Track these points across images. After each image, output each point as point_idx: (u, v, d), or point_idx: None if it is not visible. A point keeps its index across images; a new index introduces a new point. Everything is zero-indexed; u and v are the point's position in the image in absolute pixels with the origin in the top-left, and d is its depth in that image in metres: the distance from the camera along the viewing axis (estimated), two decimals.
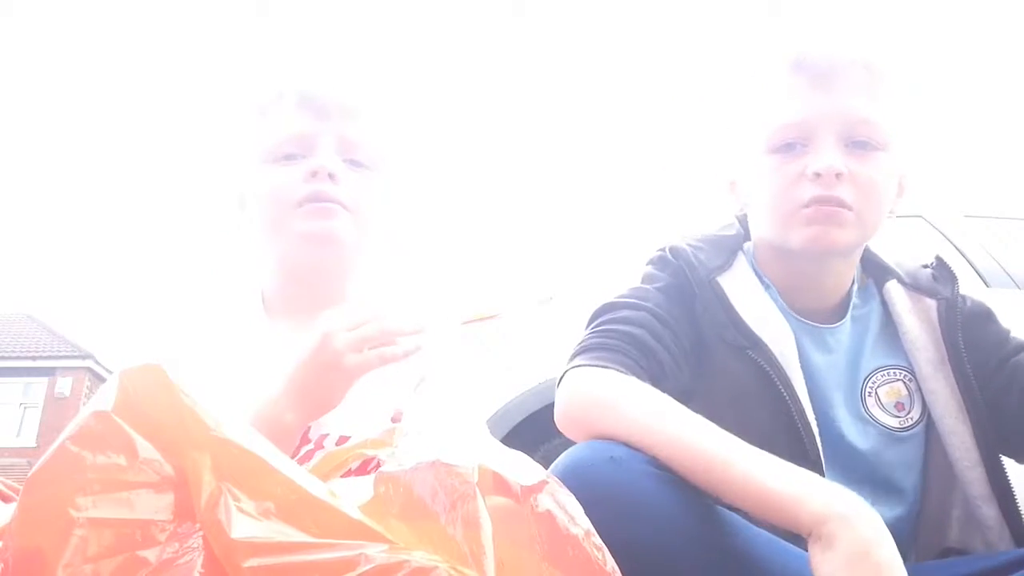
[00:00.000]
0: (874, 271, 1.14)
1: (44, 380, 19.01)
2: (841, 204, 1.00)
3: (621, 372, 0.91)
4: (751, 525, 0.82)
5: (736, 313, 1.03)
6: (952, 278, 1.10)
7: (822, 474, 0.95)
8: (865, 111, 1.00)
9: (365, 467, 0.94)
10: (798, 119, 1.01)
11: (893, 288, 1.11)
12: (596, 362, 0.92)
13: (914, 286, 1.11)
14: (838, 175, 0.99)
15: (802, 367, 1.03)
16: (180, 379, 0.60)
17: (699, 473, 0.80)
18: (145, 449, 0.57)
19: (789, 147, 1.02)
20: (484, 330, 2.76)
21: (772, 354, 1.01)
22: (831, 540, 0.71)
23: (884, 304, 1.11)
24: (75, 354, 19.18)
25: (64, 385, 18.76)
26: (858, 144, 1.00)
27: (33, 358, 19.16)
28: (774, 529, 0.80)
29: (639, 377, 0.91)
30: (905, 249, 1.17)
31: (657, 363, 0.96)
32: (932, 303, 1.09)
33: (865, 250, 1.13)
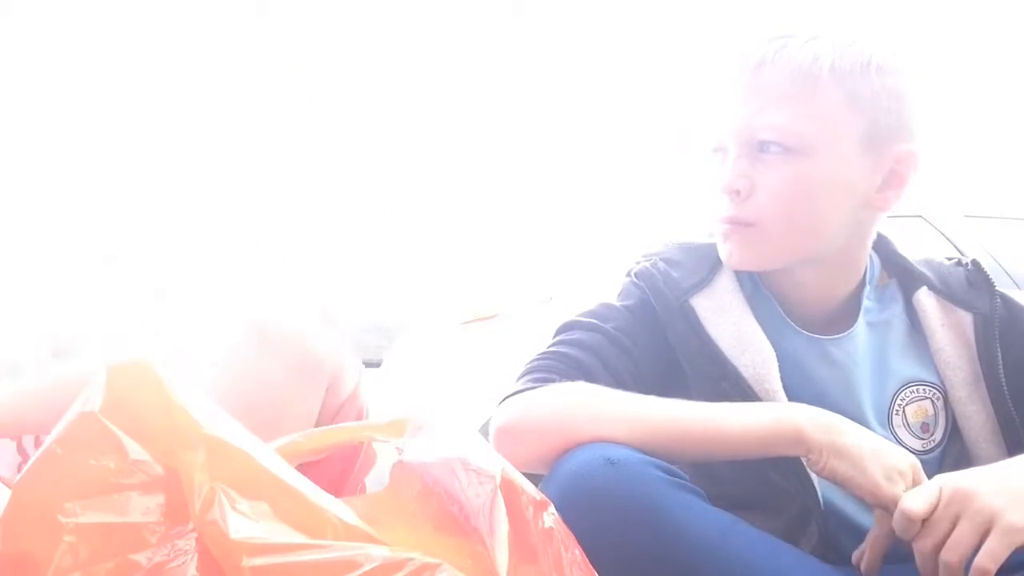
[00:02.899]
0: (899, 273, 1.06)
1: None
2: (738, 222, 0.96)
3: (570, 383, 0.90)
4: (752, 527, 0.82)
5: (709, 339, 0.97)
6: (989, 286, 1.03)
7: (817, 500, 0.92)
8: (769, 117, 0.93)
9: None
10: (716, 128, 0.98)
11: (924, 298, 1.03)
12: (539, 385, 0.91)
13: (947, 295, 1.02)
14: (736, 192, 0.95)
15: (802, 385, 0.97)
16: (169, 376, 0.59)
17: (692, 443, 0.84)
18: (134, 450, 0.56)
19: (715, 151, 0.99)
20: (484, 330, 2.75)
21: (747, 384, 0.94)
22: (835, 446, 0.81)
23: (910, 309, 1.04)
24: None
25: None
26: (765, 150, 0.94)
27: None
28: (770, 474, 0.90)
29: None
30: (905, 249, 1.12)
31: None
32: (967, 317, 1.01)
33: (889, 249, 1.07)
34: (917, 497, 0.77)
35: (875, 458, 0.81)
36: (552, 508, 0.65)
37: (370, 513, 0.59)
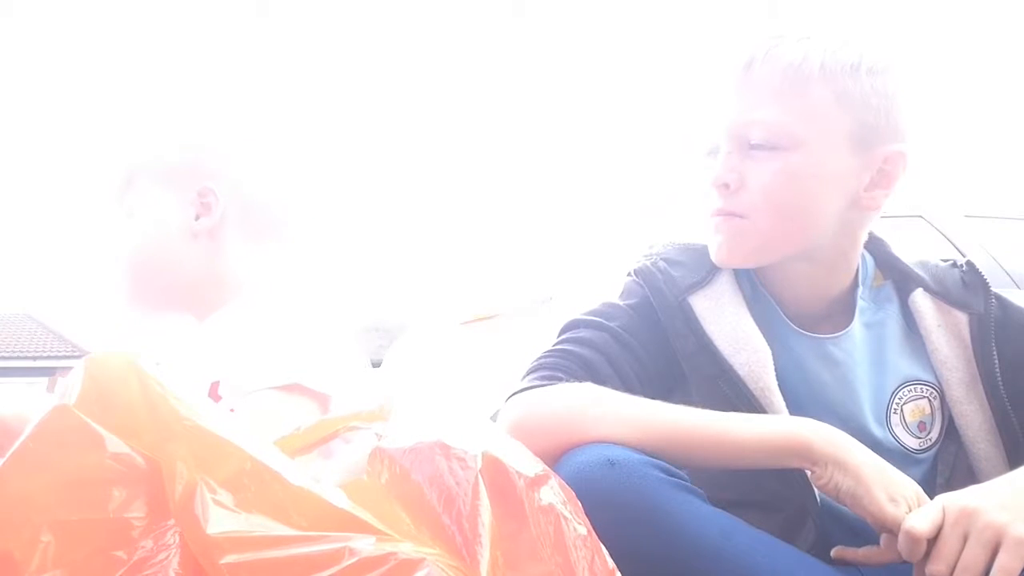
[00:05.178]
0: (894, 274, 1.06)
1: (44, 380, 18.96)
2: (728, 213, 0.97)
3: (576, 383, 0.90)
4: (752, 528, 0.82)
5: (707, 337, 0.97)
6: (984, 287, 1.03)
7: (814, 499, 0.92)
8: (758, 113, 0.94)
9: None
10: (709, 127, 0.99)
11: (920, 299, 1.03)
12: (547, 383, 0.91)
13: (943, 295, 1.03)
14: (726, 185, 0.96)
15: (801, 385, 0.98)
16: (150, 366, 0.57)
17: (696, 449, 0.84)
18: (113, 443, 0.54)
19: (709, 154, 1.00)
20: (483, 330, 2.74)
21: (743, 383, 0.95)
22: (840, 462, 0.81)
23: (905, 310, 1.04)
24: (75, 354, 19.13)
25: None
26: (755, 146, 0.95)
27: (33, 358, 19.12)
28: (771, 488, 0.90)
29: None
30: (906, 249, 1.10)
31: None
32: (963, 317, 1.01)
33: (884, 251, 1.07)
34: (921, 517, 0.76)
35: (880, 479, 0.80)
36: (553, 482, 0.64)
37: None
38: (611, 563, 0.63)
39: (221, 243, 1.14)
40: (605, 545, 0.65)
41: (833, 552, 0.85)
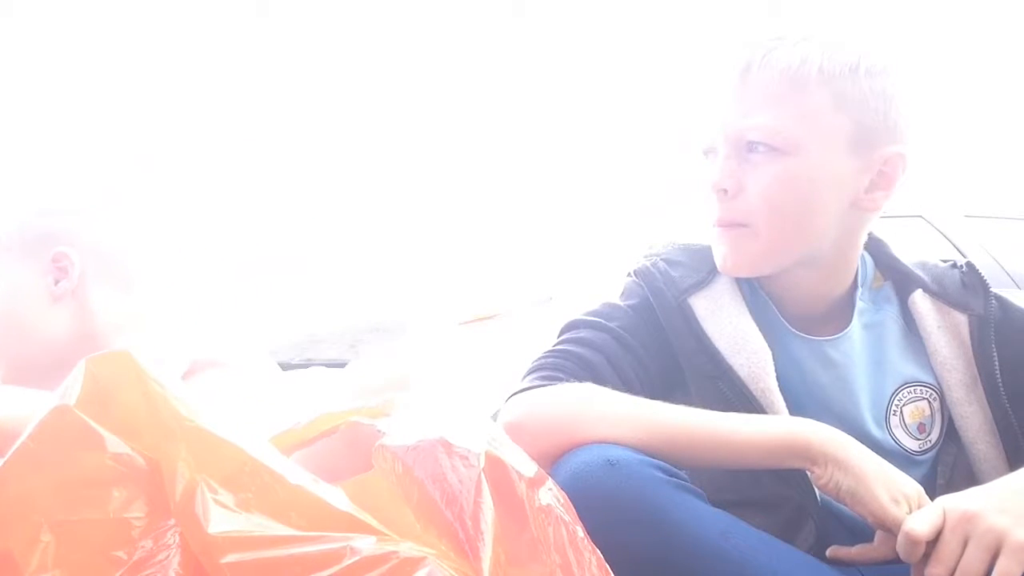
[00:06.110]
0: (894, 275, 1.06)
1: None
2: (730, 223, 0.97)
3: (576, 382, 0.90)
4: (752, 528, 0.82)
5: (707, 338, 0.97)
6: (984, 288, 1.03)
7: (814, 498, 0.92)
8: (756, 118, 0.94)
9: None
10: (707, 129, 0.99)
11: (920, 300, 1.03)
12: (547, 383, 0.91)
13: (942, 296, 1.03)
14: (724, 190, 0.96)
15: (800, 387, 0.98)
16: (150, 366, 0.57)
17: (697, 449, 0.84)
18: (113, 443, 0.54)
19: (706, 153, 1.00)
20: (484, 330, 2.75)
21: (742, 383, 0.95)
22: (840, 462, 0.81)
23: (905, 311, 1.04)
24: None
25: None
26: (754, 151, 0.95)
27: None
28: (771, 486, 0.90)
29: None
30: (906, 249, 1.10)
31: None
32: (963, 318, 1.01)
33: (884, 252, 1.07)
34: (921, 519, 0.76)
35: (881, 478, 0.81)
36: (550, 483, 0.64)
37: (351, 499, 0.58)
38: (605, 565, 0.64)
39: (86, 300, 1.16)
40: (605, 545, 0.65)
41: (828, 552, 0.85)
